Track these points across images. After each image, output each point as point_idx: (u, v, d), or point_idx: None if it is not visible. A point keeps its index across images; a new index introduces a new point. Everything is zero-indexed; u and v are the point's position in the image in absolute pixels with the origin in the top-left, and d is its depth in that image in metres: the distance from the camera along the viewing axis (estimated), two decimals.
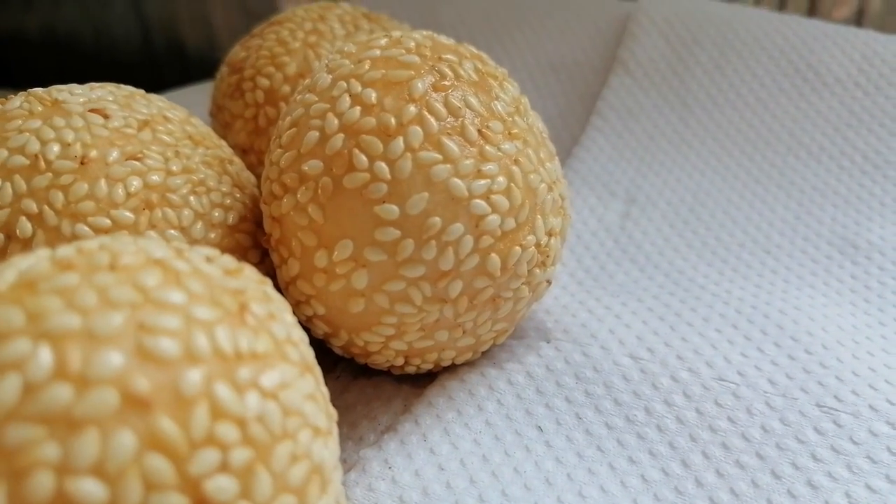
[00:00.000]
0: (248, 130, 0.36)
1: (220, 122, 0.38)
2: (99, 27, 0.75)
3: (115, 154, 0.26)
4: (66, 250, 0.18)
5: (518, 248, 0.26)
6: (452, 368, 0.30)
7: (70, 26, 0.76)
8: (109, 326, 0.15)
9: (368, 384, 0.30)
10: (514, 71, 0.49)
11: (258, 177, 0.33)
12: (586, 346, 0.30)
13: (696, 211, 0.39)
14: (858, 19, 0.56)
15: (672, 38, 0.47)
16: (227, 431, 0.16)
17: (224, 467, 0.15)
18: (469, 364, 0.30)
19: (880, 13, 0.56)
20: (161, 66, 0.74)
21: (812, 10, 0.57)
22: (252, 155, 0.36)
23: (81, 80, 0.29)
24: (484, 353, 0.30)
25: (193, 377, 0.16)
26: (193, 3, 0.73)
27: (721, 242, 0.37)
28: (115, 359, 0.15)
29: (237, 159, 0.31)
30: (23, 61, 0.81)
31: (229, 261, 0.19)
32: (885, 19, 0.56)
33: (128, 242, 0.18)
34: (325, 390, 0.20)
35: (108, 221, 0.25)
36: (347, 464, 0.27)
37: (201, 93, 0.44)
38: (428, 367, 0.29)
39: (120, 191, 0.25)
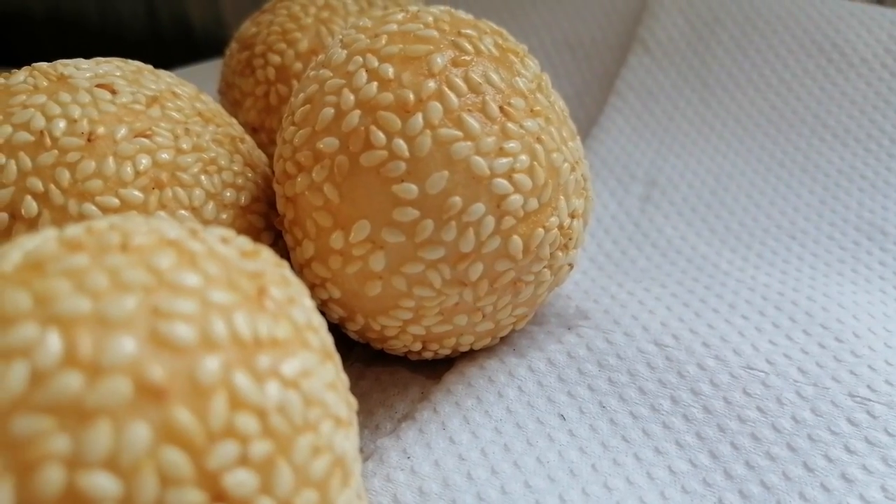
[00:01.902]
0: (258, 108, 0.35)
1: (230, 99, 0.37)
2: (104, 4, 0.74)
3: (123, 131, 0.25)
4: (74, 230, 0.17)
5: (541, 230, 0.25)
6: (471, 354, 0.29)
7: (75, 4, 0.75)
8: (122, 311, 0.14)
9: (384, 371, 0.29)
10: (530, 49, 0.48)
11: (269, 156, 0.32)
12: (609, 332, 0.29)
13: (719, 195, 0.38)
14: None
15: (692, 17, 0.45)
16: (247, 423, 0.15)
17: (244, 461, 0.15)
18: (488, 350, 0.29)
19: None
20: (167, 43, 0.73)
21: None
22: (263, 133, 0.35)
23: (87, 58, 0.28)
24: (503, 339, 0.29)
25: (211, 365, 0.15)
26: None
27: (745, 227, 0.36)
28: (128, 345, 0.14)
29: (248, 138, 0.30)
30: (27, 39, 0.80)
31: (245, 242, 0.19)
32: None
33: (139, 222, 0.17)
34: (344, 378, 0.19)
35: (116, 201, 0.24)
36: (364, 453, 0.26)
37: (210, 70, 0.43)
38: (446, 352, 0.28)
39: (129, 169, 0.24)
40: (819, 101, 0.41)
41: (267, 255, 0.18)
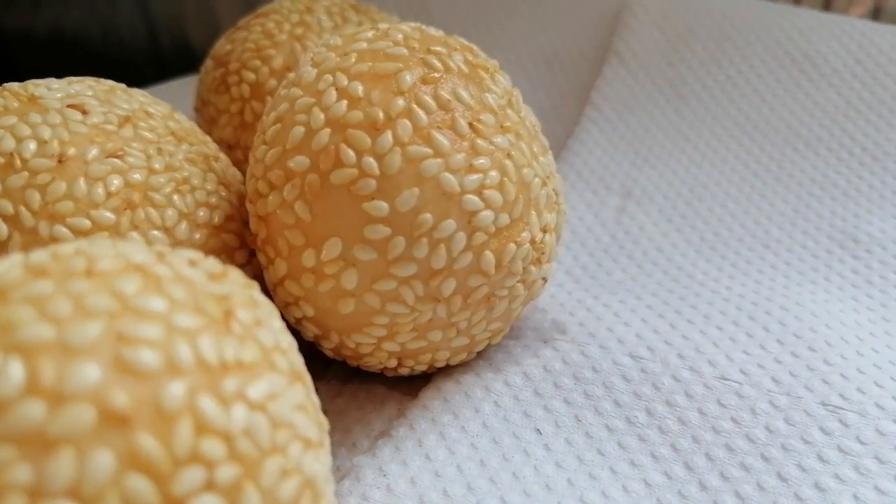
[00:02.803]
0: (233, 125, 0.35)
1: (206, 117, 0.37)
2: (106, 26, 0.74)
3: (94, 151, 0.25)
4: (40, 255, 0.17)
5: (513, 245, 0.26)
6: (447, 370, 0.29)
7: (78, 25, 0.75)
8: (85, 337, 0.14)
9: (361, 388, 0.29)
10: (506, 63, 0.48)
11: (245, 173, 0.32)
12: (584, 345, 0.29)
13: (693, 205, 0.38)
14: (875, 16, 0.55)
15: (667, 29, 0.46)
16: (213, 447, 0.15)
17: (210, 486, 0.15)
18: (464, 365, 0.29)
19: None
20: (168, 63, 0.74)
21: (827, 6, 0.55)
22: (238, 151, 0.35)
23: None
24: (479, 354, 0.30)
25: (176, 390, 0.15)
26: (199, 0, 0.72)
27: (719, 237, 0.36)
28: (91, 372, 0.14)
29: (223, 156, 0.30)
30: (30, 61, 0.80)
31: (214, 264, 0.19)
32: None
33: (106, 246, 0.17)
34: (315, 399, 0.19)
35: (87, 223, 0.24)
36: (341, 472, 0.26)
37: (186, 87, 0.43)
38: (422, 368, 0.28)
39: (100, 190, 0.24)
40: (791, 110, 0.42)
41: (235, 277, 0.18)
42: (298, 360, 0.19)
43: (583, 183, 0.40)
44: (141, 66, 0.74)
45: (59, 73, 0.28)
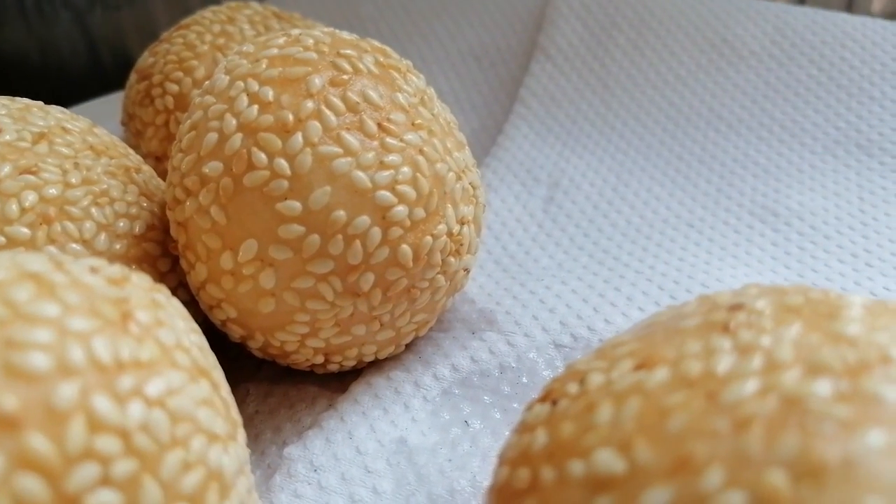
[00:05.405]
0: (159, 137, 0.35)
1: (132, 130, 0.37)
2: (44, 43, 0.74)
3: (6, 169, 0.25)
4: None
5: (429, 238, 0.26)
6: (377, 364, 0.29)
7: (15, 44, 0.74)
8: None
9: (292, 387, 0.29)
10: (436, 61, 0.49)
11: None
12: (510, 334, 0.30)
13: (620, 191, 0.39)
14: (801, 0, 0.56)
15: (590, 22, 0.47)
16: (108, 444, 0.15)
17: (105, 481, 0.15)
18: (394, 359, 0.30)
19: None
20: (109, 77, 0.73)
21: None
22: (166, 162, 0.35)
23: (31, 98, 0.29)
24: (410, 347, 0.30)
25: (67, 391, 0.15)
26: (138, 14, 0.72)
27: (645, 220, 0.37)
28: None
29: (146, 167, 0.31)
30: None
31: (116, 270, 0.19)
32: (827, 1, 0.55)
33: (4, 258, 0.18)
34: (226, 395, 0.20)
35: (2, 238, 0.24)
36: (271, 468, 0.26)
37: (117, 102, 0.43)
38: (350, 363, 0.29)
39: (14, 206, 0.25)
40: (713, 94, 0.43)
41: (138, 281, 0.19)
42: (204, 358, 0.19)
43: (511, 176, 0.41)
44: (81, 83, 0.73)
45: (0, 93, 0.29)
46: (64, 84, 0.74)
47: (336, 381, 0.29)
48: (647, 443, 0.14)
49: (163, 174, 0.34)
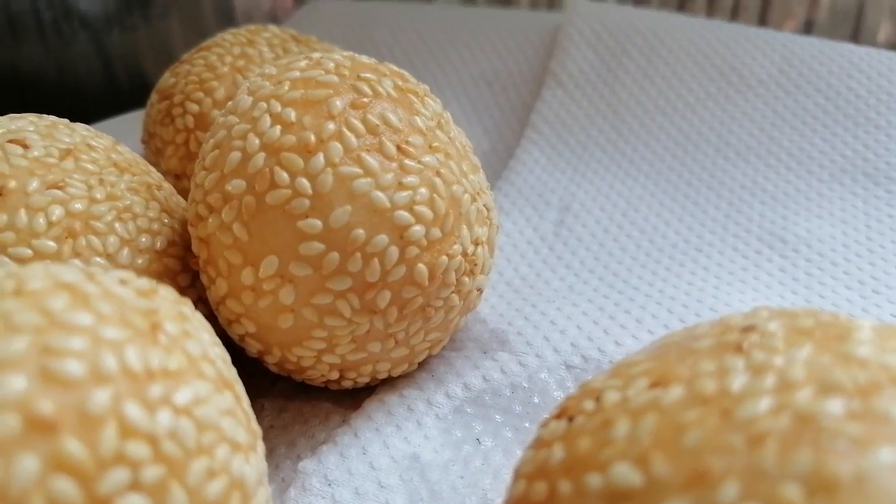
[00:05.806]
0: (179, 156, 0.36)
1: (152, 148, 0.38)
2: (62, 63, 0.75)
3: (35, 184, 0.26)
4: None
5: (445, 258, 0.27)
6: (390, 382, 0.30)
7: (32, 64, 0.76)
8: (11, 351, 0.15)
9: (306, 403, 0.30)
10: (449, 87, 0.50)
11: None
12: (521, 355, 0.31)
13: (630, 215, 0.40)
14: (807, 30, 0.57)
15: (601, 50, 0.48)
16: (138, 449, 0.16)
17: (135, 485, 0.15)
18: (407, 377, 0.30)
19: (828, 26, 0.57)
20: (124, 97, 0.75)
21: (762, 21, 0.58)
22: (185, 180, 0.36)
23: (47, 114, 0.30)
24: (422, 365, 0.31)
25: (100, 397, 0.16)
26: (154, 34, 0.73)
27: (654, 244, 0.38)
28: (17, 383, 0.15)
29: (167, 184, 0.31)
30: None
31: (144, 282, 0.19)
32: (833, 32, 0.57)
33: (38, 269, 0.18)
34: (247, 408, 0.20)
35: (29, 251, 0.25)
36: (286, 482, 0.26)
37: (134, 121, 0.44)
38: (364, 380, 0.29)
39: (41, 220, 0.25)
40: (721, 121, 0.44)
41: (165, 293, 0.19)
42: (228, 370, 0.20)
43: (523, 199, 0.41)
44: (97, 101, 0.75)
45: (17, 111, 0.30)
46: (80, 102, 0.75)
47: (349, 398, 0.30)
48: (664, 457, 0.15)
49: (182, 192, 0.35)
